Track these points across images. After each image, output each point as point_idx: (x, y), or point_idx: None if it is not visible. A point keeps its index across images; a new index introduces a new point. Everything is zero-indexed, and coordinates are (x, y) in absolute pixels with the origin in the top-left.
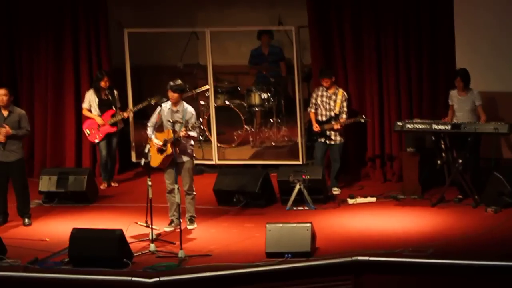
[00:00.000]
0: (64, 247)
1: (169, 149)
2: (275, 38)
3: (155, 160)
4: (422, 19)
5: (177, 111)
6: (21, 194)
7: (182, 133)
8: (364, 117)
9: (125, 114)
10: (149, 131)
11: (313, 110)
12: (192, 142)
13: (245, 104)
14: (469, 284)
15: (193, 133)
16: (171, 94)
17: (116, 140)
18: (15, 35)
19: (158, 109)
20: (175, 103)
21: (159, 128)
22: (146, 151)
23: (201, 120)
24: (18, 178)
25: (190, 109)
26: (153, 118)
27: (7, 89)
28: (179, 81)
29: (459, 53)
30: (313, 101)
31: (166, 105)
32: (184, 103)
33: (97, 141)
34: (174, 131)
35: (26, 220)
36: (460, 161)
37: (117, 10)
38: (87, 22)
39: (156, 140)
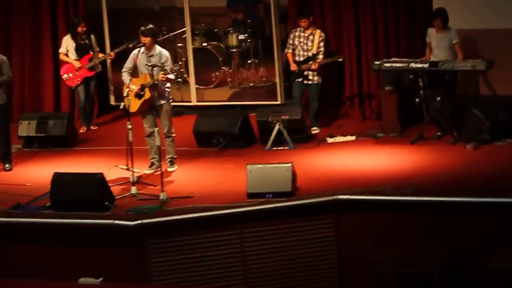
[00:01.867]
0: (45, 192)
1: (147, 94)
2: None
3: (134, 105)
4: None
5: (151, 55)
6: (3, 139)
7: (161, 77)
8: (341, 56)
9: (104, 57)
10: (125, 76)
11: (290, 51)
12: (168, 84)
13: (222, 46)
14: (450, 221)
15: (171, 76)
16: (143, 39)
17: (94, 84)
18: None
19: (133, 54)
20: (148, 48)
21: (132, 73)
22: (125, 95)
23: (180, 63)
24: (1, 123)
25: (164, 52)
26: (129, 64)
27: None
28: (150, 25)
29: None
30: (290, 41)
31: (140, 50)
32: (158, 46)
33: (75, 85)
34: (151, 76)
35: (7, 165)
36: (438, 98)
37: None
38: None
39: (133, 86)
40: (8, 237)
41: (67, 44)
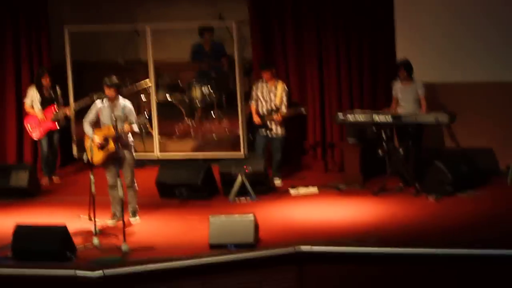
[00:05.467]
0: (7, 243)
1: (111, 145)
2: (216, 33)
3: (97, 156)
4: (363, 13)
5: (115, 107)
6: None
7: (127, 129)
8: (304, 109)
9: (67, 111)
10: (87, 128)
11: (253, 103)
12: (131, 136)
13: (186, 99)
14: (413, 272)
15: (136, 128)
16: (107, 90)
17: (58, 136)
18: None
19: (95, 106)
20: (112, 99)
21: (95, 124)
22: (87, 146)
23: (146, 114)
24: None
25: (128, 103)
26: (91, 115)
27: None
28: (114, 77)
29: (399, 46)
30: (254, 94)
31: (103, 102)
32: (121, 98)
33: (38, 136)
34: (115, 127)
35: None
36: (401, 150)
37: (57, 6)
38: (27, 20)
39: (96, 137)
40: None
41: (32, 96)
